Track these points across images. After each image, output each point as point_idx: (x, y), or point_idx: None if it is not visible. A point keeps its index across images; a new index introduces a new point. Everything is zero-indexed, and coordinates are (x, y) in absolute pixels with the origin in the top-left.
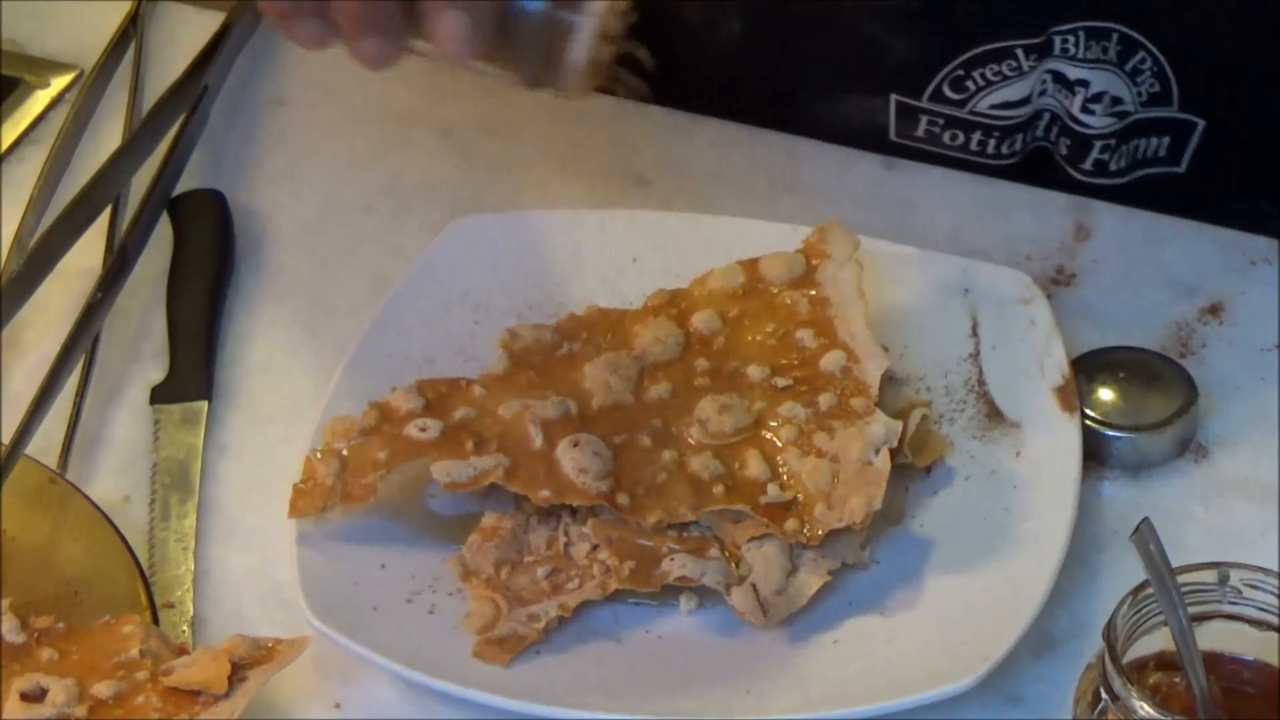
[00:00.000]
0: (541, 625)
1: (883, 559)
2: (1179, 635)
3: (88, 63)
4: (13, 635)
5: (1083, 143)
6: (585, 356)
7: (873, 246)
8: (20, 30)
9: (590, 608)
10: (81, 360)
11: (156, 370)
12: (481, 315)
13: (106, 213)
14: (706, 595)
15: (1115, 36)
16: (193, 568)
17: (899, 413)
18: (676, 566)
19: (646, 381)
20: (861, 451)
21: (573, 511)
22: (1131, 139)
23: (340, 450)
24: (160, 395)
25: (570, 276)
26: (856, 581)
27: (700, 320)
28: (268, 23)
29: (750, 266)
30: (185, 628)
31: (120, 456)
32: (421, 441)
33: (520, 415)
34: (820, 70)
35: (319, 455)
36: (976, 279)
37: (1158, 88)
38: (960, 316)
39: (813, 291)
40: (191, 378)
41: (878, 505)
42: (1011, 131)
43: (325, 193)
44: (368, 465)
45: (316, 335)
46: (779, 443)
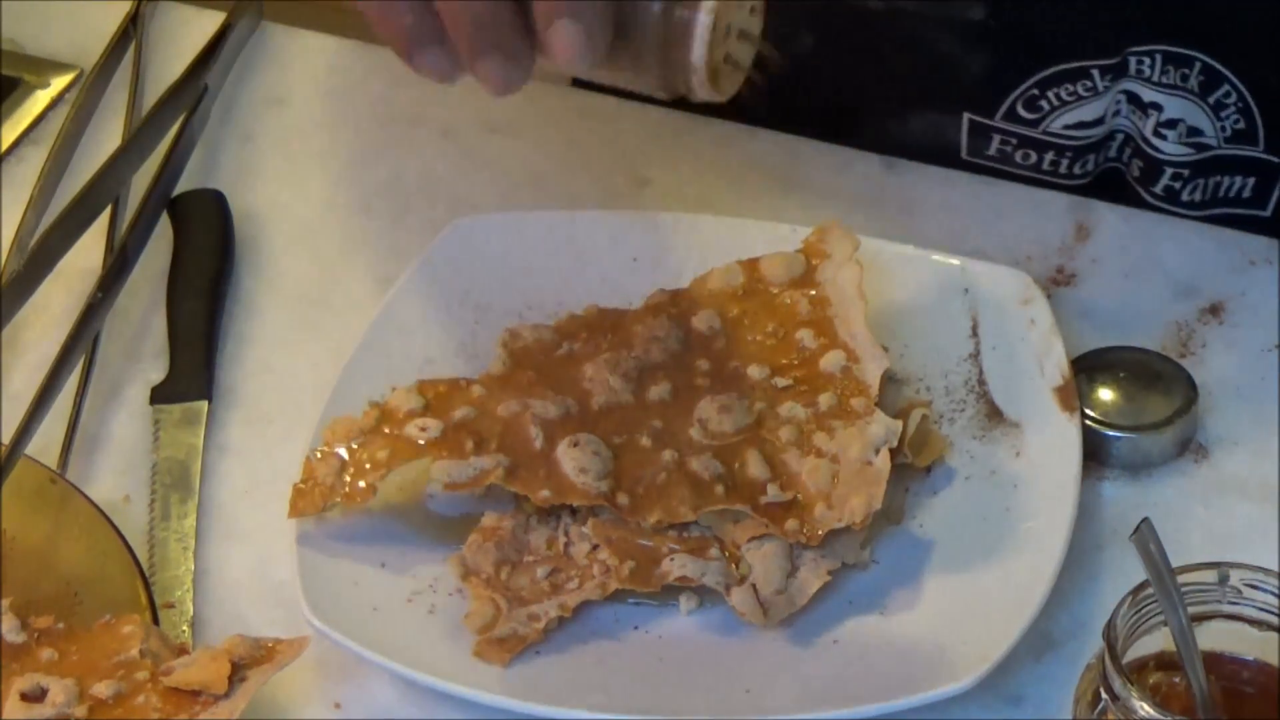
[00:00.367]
0: (541, 625)
1: (883, 559)
2: (1179, 635)
3: (88, 63)
4: (13, 635)
5: (1154, 167)
6: (585, 356)
7: (873, 246)
8: (20, 30)
9: (590, 608)
10: (81, 360)
11: (156, 370)
12: (481, 315)
13: (106, 213)
14: (706, 595)
15: (1198, 66)
16: (193, 568)
17: (899, 413)
18: (676, 566)
19: (646, 381)
20: (861, 451)
21: (573, 511)
22: (1211, 174)
23: (340, 450)
24: (160, 395)
25: (570, 276)
26: (856, 581)
27: (700, 320)
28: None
29: (750, 266)
30: (185, 628)
31: (120, 456)
32: (421, 441)
33: (520, 415)
34: (893, 87)
35: (319, 455)
36: (976, 279)
37: (1242, 124)
38: (960, 316)
39: (813, 291)
40: (191, 378)
41: (878, 505)
42: (1084, 152)
43: (325, 193)
44: (368, 465)
45: (316, 335)
46: (779, 443)
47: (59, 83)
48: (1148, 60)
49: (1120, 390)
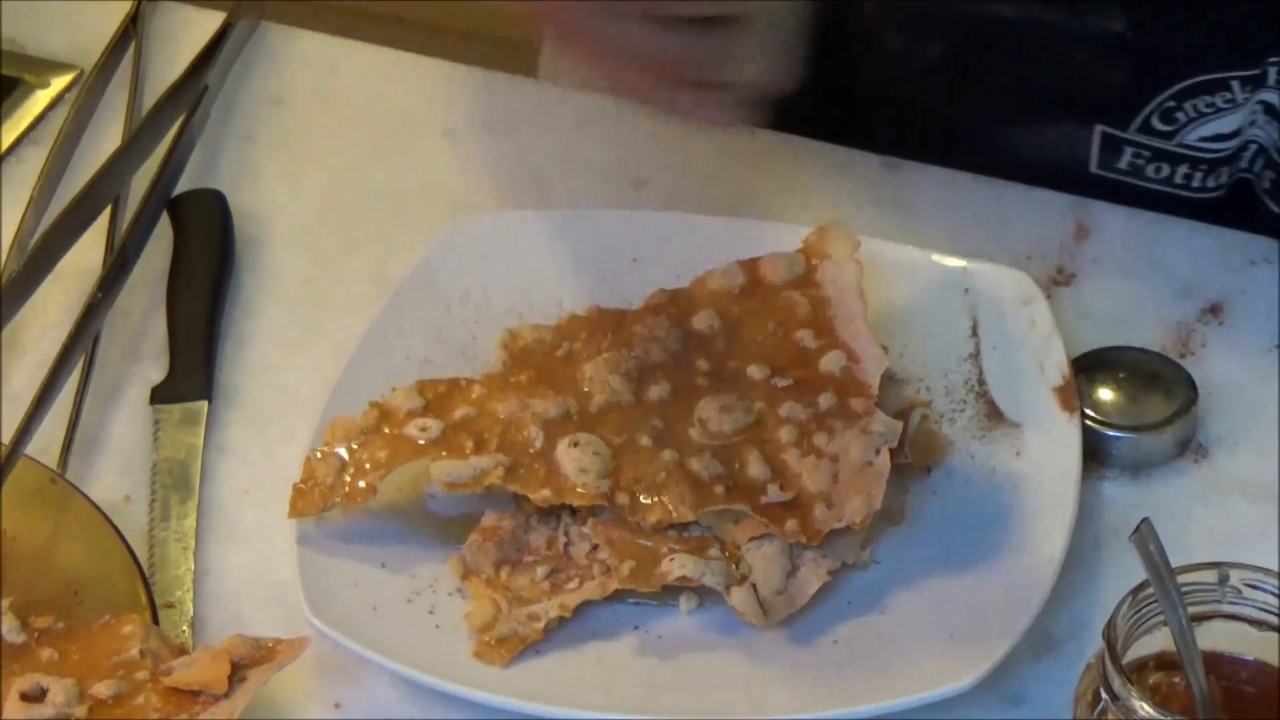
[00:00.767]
0: (541, 625)
1: (883, 559)
2: (1179, 635)
3: (88, 63)
4: (13, 635)
5: None
6: (585, 356)
7: (873, 246)
8: (20, 30)
9: (590, 608)
10: (81, 360)
11: (156, 370)
12: (481, 315)
13: (106, 213)
14: (706, 595)
15: None
16: (193, 568)
17: (899, 413)
18: (676, 566)
19: (646, 381)
20: (861, 451)
21: (573, 511)
22: None
23: (340, 450)
24: (160, 395)
25: (570, 276)
26: (856, 581)
27: (700, 320)
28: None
29: (750, 266)
30: (185, 628)
31: (120, 456)
32: (421, 441)
33: (520, 415)
34: (1023, 99)
35: (319, 455)
36: (976, 279)
37: None
38: (960, 316)
39: (813, 291)
40: (191, 378)
41: (878, 505)
42: (1218, 164)
43: (325, 193)
44: (368, 465)
45: (316, 335)
46: (779, 443)
47: (59, 83)
48: None
49: (1120, 390)
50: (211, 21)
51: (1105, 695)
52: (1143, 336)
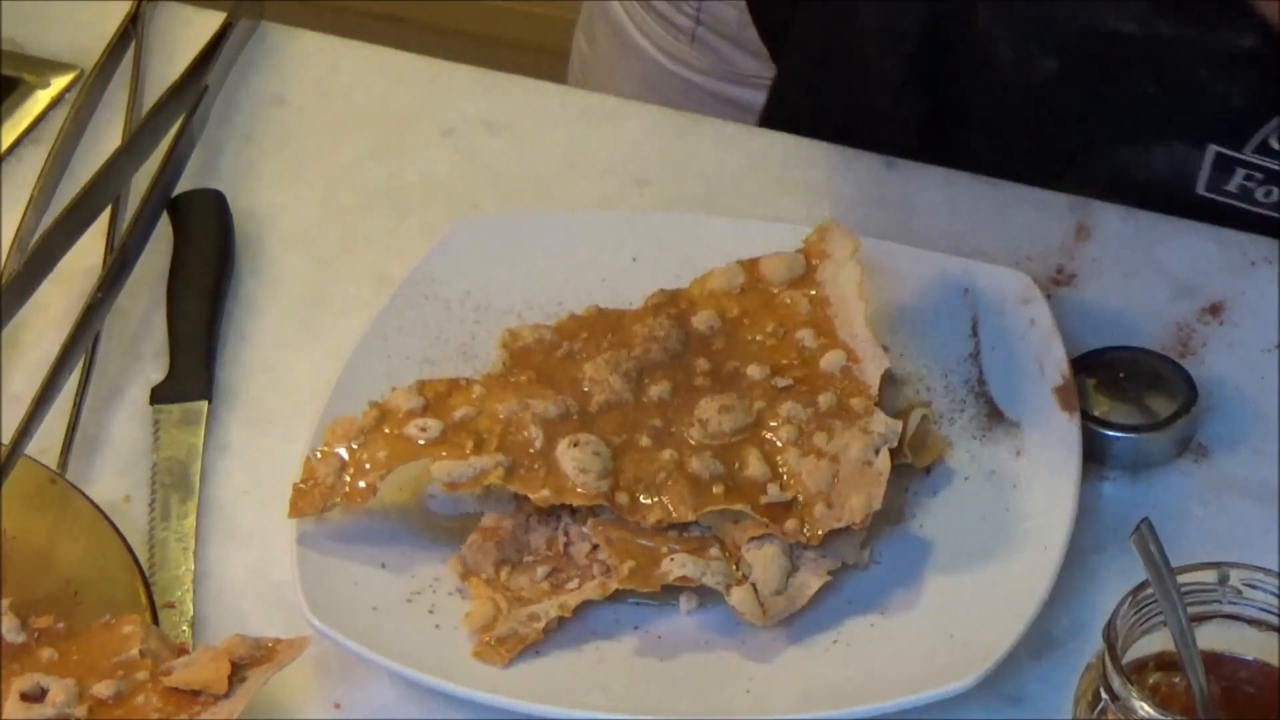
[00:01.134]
0: (541, 625)
1: (883, 559)
2: (1179, 635)
3: (88, 63)
4: (13, 635)
5: None
6: (585, 356)
7: (873, 246)
8: (20, 30)
9: (590, 608)
10: (81, 360)
11: (156, 370)
12: (481, 315)
13: (106, 213)
14: (706, 595)
15: None
16: (193, 568)
17: (899, 413)
18: (676, 566)
19: (646, 381)
20: (861, 451)
21: (573, 511)
22: None
23: (340, 450)
24: (160, 395)
25: (570, 276)
26: (856, 581)
27: (700, 320)
28: None
29: (750, 266)
30: (185, 628)
31: (120, 456)
32: (421, 441)
33: (520, 415)
34: (1135, 115)
35: (319, 455)
36: (976, 279)
37: None
38: (960, 316)
39: (813, 291)
40: (191, 378)
41: (878, 505)
42: None
43: (325, 193)
44: (368, 465)
45: (316, 335)
46: (779, 443)
47: (59, 83)
48: None
49: (1120, 390)
50: (211, 21)
51: (1105, 695)
52: (1143, 336)
